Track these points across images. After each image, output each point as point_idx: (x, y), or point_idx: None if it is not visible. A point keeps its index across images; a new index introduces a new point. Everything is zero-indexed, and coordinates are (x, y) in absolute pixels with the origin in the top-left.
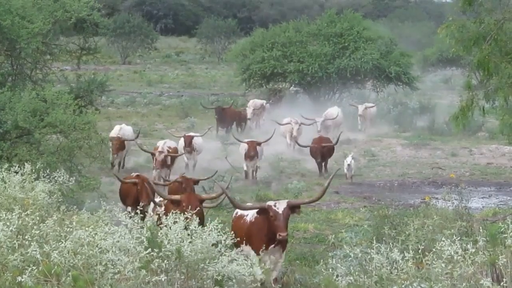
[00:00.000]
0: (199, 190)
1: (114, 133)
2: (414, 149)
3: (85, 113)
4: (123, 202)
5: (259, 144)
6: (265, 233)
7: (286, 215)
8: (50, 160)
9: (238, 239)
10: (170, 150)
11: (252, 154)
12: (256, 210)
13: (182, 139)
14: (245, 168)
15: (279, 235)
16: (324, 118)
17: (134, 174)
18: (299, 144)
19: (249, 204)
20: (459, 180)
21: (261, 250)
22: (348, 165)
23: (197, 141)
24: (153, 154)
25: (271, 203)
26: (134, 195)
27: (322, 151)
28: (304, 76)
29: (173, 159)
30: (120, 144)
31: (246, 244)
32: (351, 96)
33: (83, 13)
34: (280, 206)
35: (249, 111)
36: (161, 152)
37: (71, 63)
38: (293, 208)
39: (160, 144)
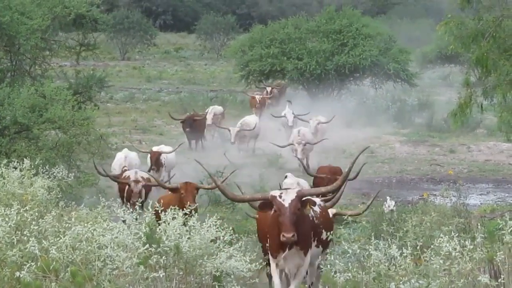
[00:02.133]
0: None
1: (118, 163)
2: (413, 146)
3: (84, 109)
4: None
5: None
6: (277, 232)
7: (293, 209)
8: (49, 156)
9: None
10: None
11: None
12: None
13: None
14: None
15: (283, 235)
16: (240, 128)
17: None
18: (307, 171)
19: (247, 195)
20: (457, 177)
21: (278, 253)
22: (392, 211)
23: (168, 156)
24: (128, 185)
25: (275, 193)
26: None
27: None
28: (302, 73)
29: (148, 189)
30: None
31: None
32: (350, 93)
33: (82, 9)
34: (287, 198)
35: (208, 118)
36: (137, 182)
37: (70, 59)
38: (303, 201)
39: (131, 174)
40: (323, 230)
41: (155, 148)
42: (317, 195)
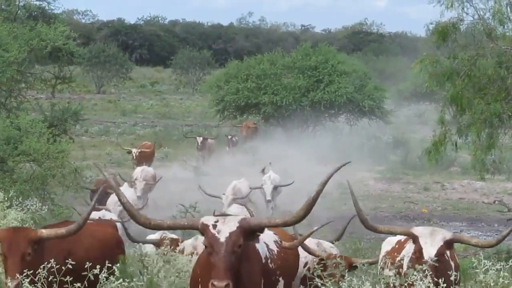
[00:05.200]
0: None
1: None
2: (387, 183)
3: (59, 141)
4: None
5: None
6: (210, 276)
7: (231, 246)
8: (23, 188)
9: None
10: None
11: None
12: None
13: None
14: None
15: (212, 284)
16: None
17: None
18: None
19: (168, 221)
20: (431, 215)
21: None
22: None
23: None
24: None
25: (208, 220)
26: None
27: None
28: (278, 109)
29: None
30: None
31: None
32: (325, 129)
33: (59, 42)
34: (224, 229)
35: (139, 186)
36: None
37: (45, 91)
38: (249, 234)
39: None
40: (280, 279)
41: None
42: (271, 226)
